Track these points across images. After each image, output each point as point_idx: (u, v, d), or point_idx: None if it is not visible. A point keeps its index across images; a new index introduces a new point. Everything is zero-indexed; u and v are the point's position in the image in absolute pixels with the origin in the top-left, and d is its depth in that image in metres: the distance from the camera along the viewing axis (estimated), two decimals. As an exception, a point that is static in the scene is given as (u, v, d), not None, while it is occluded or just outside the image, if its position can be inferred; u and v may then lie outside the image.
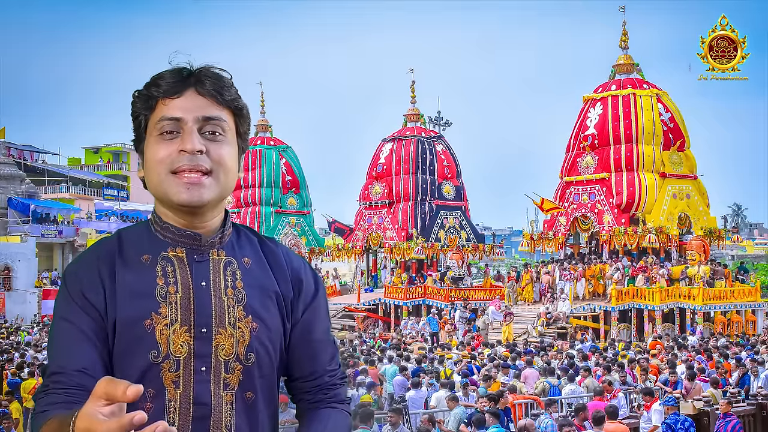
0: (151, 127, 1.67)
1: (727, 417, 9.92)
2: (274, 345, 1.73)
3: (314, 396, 1.81)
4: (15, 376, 14.53)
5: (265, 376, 1.72)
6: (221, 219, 1.76)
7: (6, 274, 37.40)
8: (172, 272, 1.68)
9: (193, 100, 1.66)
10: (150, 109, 1.67)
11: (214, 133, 1.66)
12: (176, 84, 1.66)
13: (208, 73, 1.68)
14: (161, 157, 1.64)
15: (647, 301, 27.84)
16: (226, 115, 1.69)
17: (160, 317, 1.64)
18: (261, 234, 1.86)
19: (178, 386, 1.63)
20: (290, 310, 1.78)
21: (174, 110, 1.65)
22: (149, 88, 1.67)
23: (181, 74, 1.68)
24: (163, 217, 1.73)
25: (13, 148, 51.63)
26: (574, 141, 33.02)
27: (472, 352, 20.44)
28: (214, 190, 1.66)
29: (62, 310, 1.64)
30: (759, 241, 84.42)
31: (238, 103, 1.72)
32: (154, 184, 1.67)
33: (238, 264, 1.74)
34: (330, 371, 1.83)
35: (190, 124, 1.64)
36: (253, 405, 1.70)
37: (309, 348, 1.80)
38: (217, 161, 1.66)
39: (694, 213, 31.44)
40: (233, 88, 1.71)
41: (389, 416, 9.84)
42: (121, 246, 1.72)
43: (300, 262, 1.85)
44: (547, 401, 11.25)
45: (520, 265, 41.83)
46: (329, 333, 1.87)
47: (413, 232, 36.02)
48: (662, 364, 16.37)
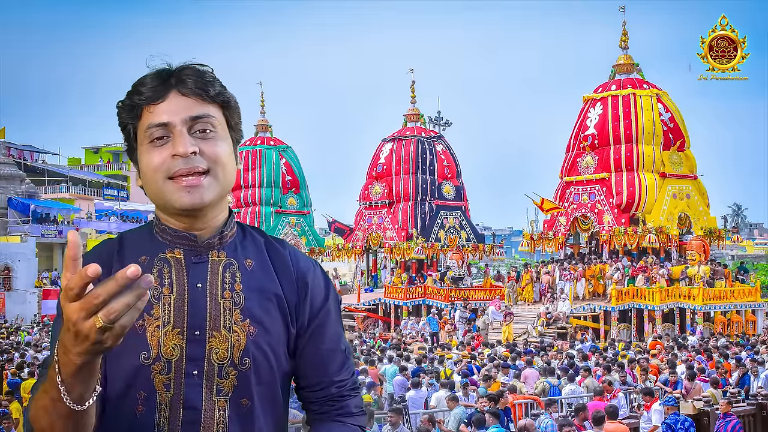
0: (140, 135, 1.64)
1: (727, 417, 9.91)
2: (274, 351, 1.67)
3: (320, 407, 1.74)
4: (15, 376, 14.53)
5: (263, 383, 1.66)
6: (224, 218, 1.72)
7: (6, 274, 37.41)
8: (168, 273, 1.65)
9: (178, 101, 1.62)
10: (136, 118, 1.64)
11: (204, 131, 1.63)
12: (158, 88, 1.62)
13: (189, 72, 1.64)
14: (156, 165, 1.61)
15: (647, 301, 27.83)
16: (213, 111, 1.64)
17: (153, 318, 1.61)
18: (270, 235, 1.80)
19: (169, 389, 1.60)
20: (295, 314, 1.71)
21: (160, 116, 1.60)
22: (132, 96, 1.64)
23: (162, 77, 1.63)
24: (162, 219, 1.70)
25: (13, 148, 51.63)
26: (574, 141, 33.02)
27: (472, 352, 20.44)
28: (214, 189, 1.63)
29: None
30: (759, 241, 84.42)
31: (224, 96, 1.67)
32: (154, 192, 1.64)
33: (238, 266, 1.69)
34: (338, 382, 1.74)
35: (179, 126, 1.60)
36: (249, 412, 1.64)
37: (316, 356, 1.73)
38: (213, 159, 1.62)
39: (694, 213, 31.44)
40: (216, 82, 1.67)
41: (389, 416, 9.84)
42: (122, 247, 1.70)
43: (308, 265, 1.77)
44: (547, 401, 11.25)
45: (520, 265, 41.83)
46: (340, 341, 1.77)
47: (413, 232, 36.02)
48: (662, 364, 16.37)
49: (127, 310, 1.22)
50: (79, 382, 1.32)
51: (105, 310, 1.21)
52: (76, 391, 1.33)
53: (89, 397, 1.35)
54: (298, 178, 44.97)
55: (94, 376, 1.34)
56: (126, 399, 1.60)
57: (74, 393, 1.33)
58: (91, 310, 1.21)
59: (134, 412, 1.60)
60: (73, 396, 1.33)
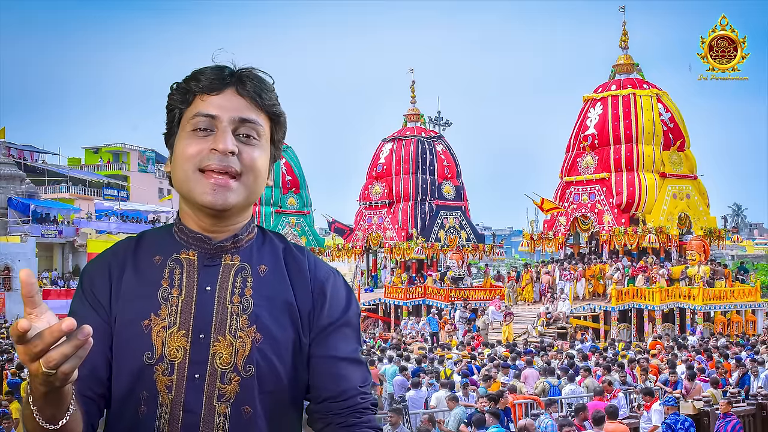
0: (184, 121, 1.63)
1: (727, 417, 9.91)
2: (282, 360, 1.62)
3: (347, 419, 1.64)
4: (15, 376, 14.54)
5: (267, 392, 1.61)
6: (244, 224, 1.69)
7: (6, 274, 37.40)
8: (179, 275, 1.64)
9: (232, 99, 1.61)
10: (186, 104, 1.63)
11: (248, 137, 1.61)
12: (216, 81, 1.61)
13: (250, 75, 1.64)
14: (191, 153, 1.59)
15: (647, 301, 27.84)
16: (262, 120, 1.63)
17: (159, 319, 1.60)
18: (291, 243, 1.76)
19: (171, 392, 1.58)
20: (308, 323, 1.66)
21: (211, 107, 1.60)
22: (188, 81, 1.63)
23: (223, 72, 1.63)
24: (182, 217, 1.68)
25: (13, 148, 51.62)
26: (574, 141, 33.03)
27: (472, 352, 20.44)
28: (241, 194, 1.60)
29: (75, 306, 1.65)
30: (759, 241, 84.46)
31: (277, 109, 1.66)
32: (180, 180, 1.62)
33: (251, 271, 1.66)
34: (363, 393, 1.67)
35: (225, 123, 1.59)
36: (250, 420, 1.60)
37: (335, 367, 1.66)
38: (249, 165, 1.60)
39: (694, 213, 31.45)
40: (274, 93, 1.66)
41: (389, 416, 9.84)
42: (138, 246, 1.69)
43: (328, 274, 1.71)
44: (547, 401, 11.25)
45: (520, 265, 41.84)
46: (360, 353, 1.71)
47: (413, 232, 36.02)
48: (662, 364, 16.37)
49: (65, 360, 1.23)
50: (49, 405, 1.34)
51: (44, 359, 1.23)
52: (47, 412, 1.36)
53: (62, 417, 1.37)
54: (298, 178, 44.94)
55: (63, 400, 1.35)
56: (130, 399, 1.60)
57: (46, 413, 1.36)
58: (33, 357, 1.23)
59: (137, 412, 1.59)
60: (44, 416, 1.36)
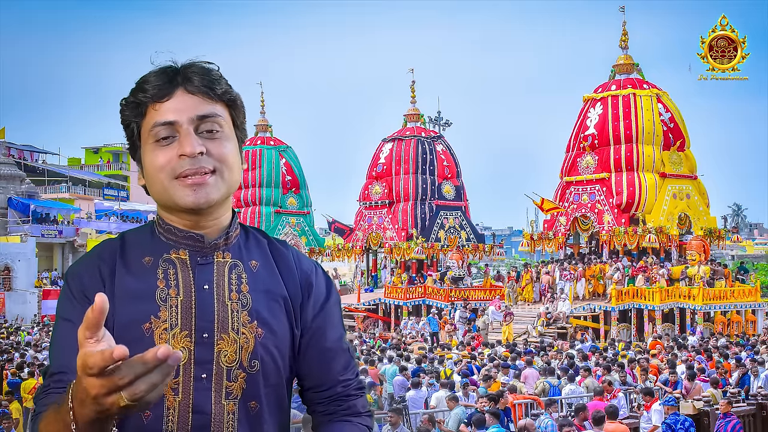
0: (144, 134, 1.59)
1: (727, 417, 9.91)
2: (281, 352, 1.65)
3: (327, 407, 1.72)
4: (15, 376, 14.54)
5: (271, 386, 1.64)
6: (228, 218, 1.68)
7: (6, 274, 37.40)
8: (174, 275, 1.62)
9: (184, 100, 1.57)
10: (141, 116, 1.59)
11: (211, 131, 1.58)
12: (164, 86, 1.57)
13: (195, 69, 1.60)
14: (161, 164, 1.56)
15: (647, 301, 27.83)
16: (220, 109, 1.60)
17: (160, 321, 1.58)
18: (271, 236, 1.78)
19: (177, 394, 1.56)
20: (299, 315, 1.69)
21: (166, 114, 1.56)
22: (136, 94, 1.59)
23: (167, 74, 1.59)
24: (166, 219, 1.66)
25: (13, 148, 51.63)
26: (574, 141, 33.02)
27: (472, 352, 20.44)
28: (220, 188, 1.59)
29: (64, 311, 1.59)
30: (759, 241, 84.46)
31: (231, 94, 1.63)
32: (159, 191, 1.60)
33: (244, 267, 1.66)
34: (343, 381, 1.73)
35: (185, 125, 1.56)
36: (257, 415, 1.62)
37: (320, 356, 1.71)
38: (220, 159, 1.59)
39: (694, 213, 31.44)
40: (223, 80, 1.62)
41: (389, 416, 9.85)
42: (124, 247, 1.66)
43: (311, 266, 1.76)
44: (547, 401, 11.25)
45: (520, 265, 41.82)
46: (343, 341, 1.75)
47: (413, 232, 36.02)
48: (662, 364, 16.37)
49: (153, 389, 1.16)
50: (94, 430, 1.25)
51: (130, 390, 1.14)
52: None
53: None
54: (298, 178, 44.99)
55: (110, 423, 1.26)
56: None
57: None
58: (114, 390, 1.15)
59: (141, 418, 1.56)
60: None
